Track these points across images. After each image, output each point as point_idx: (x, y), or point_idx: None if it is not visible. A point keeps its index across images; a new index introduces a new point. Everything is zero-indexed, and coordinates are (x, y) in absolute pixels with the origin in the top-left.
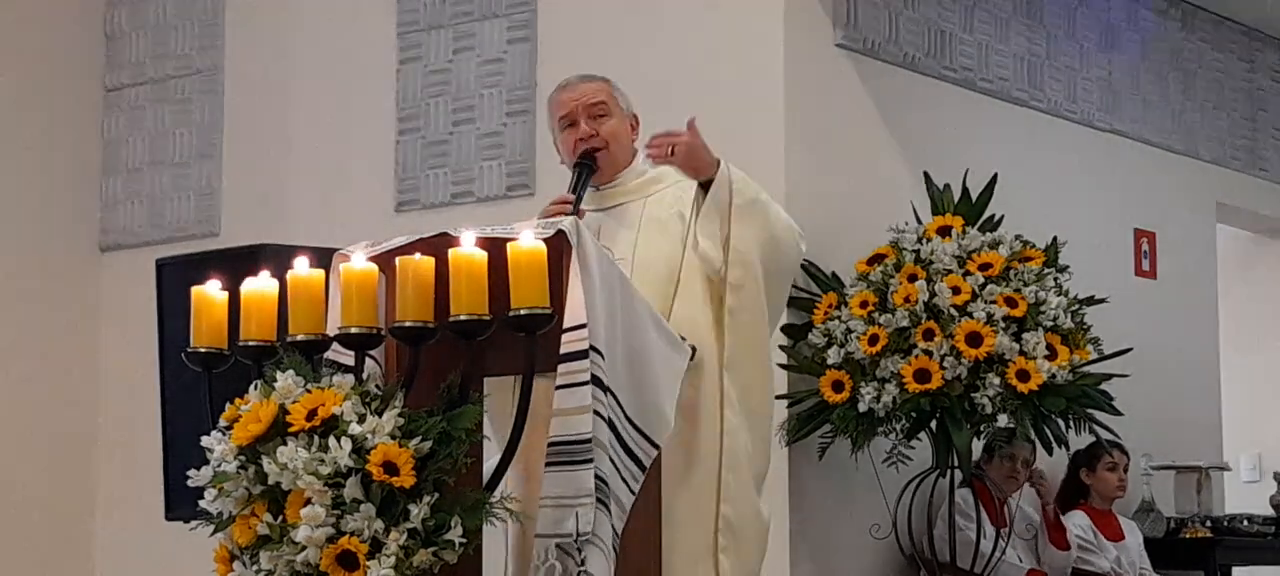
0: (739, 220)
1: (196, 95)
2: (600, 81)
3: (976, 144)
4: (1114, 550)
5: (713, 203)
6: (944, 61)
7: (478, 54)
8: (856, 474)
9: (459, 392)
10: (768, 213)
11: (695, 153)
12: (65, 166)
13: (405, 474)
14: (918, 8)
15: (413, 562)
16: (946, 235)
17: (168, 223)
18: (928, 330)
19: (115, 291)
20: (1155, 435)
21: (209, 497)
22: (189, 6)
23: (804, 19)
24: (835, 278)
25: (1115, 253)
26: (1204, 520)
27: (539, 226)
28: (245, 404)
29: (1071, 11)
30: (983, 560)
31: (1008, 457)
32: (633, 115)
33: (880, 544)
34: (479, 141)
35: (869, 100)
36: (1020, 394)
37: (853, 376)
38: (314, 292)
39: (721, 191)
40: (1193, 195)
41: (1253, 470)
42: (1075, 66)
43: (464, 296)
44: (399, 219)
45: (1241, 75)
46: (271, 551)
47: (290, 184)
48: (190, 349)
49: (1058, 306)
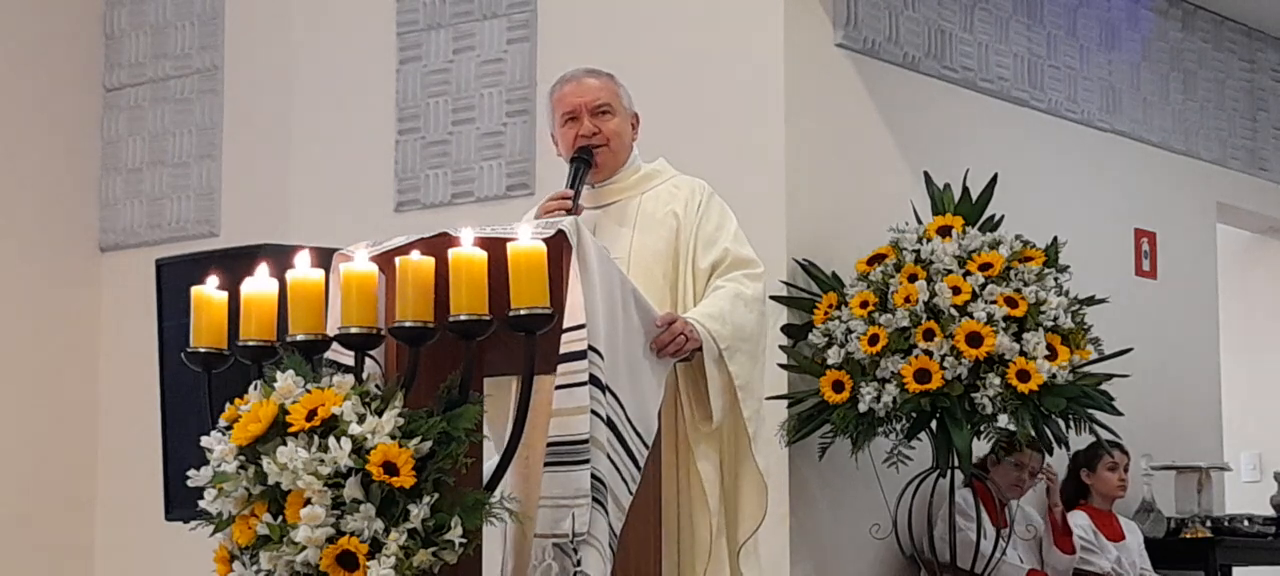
0: (731, 359)
1: (196, 95)
2: (605, 78)
3: (976, 144)
4: (1114, 550)
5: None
6: (944, 61)
7: (478, 54)
8: (856, 474)
9: (459, 392)
10: (741, 321)
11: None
12: (65, 166)
13: (405, 474)
14: (918, 8)
15: (413, 563)
16: (947, 235)
17: (168, 223)
18: (928, 330)
19: (115, 291)
20: (1155, 435)
21: (209, 498)
22: (189, 6)
23: (804, 19)
24: (835, 277)
25: (1115, 253)
26: (1204, 520)
27: (539, 226)
28: (245, 404)
29: (1071, 11)
30: (983, 560)
31: (1015, 465)
32: (634, 113)
33: (880, 544)
34: (479, 141)
35: (869, 100)
36: (1020, 394)
37: (853, 376)
38: (314, 293)
39: (710, 350)
40: (1193, 195)
41: (1253, 470)
42: (1075, 66)
43: (464, 296)
44: (399, 219)
45: (1241, 75)
46: (271, 551)
47: (290, 184)
48: (190, 349)
49: (1058, 306)
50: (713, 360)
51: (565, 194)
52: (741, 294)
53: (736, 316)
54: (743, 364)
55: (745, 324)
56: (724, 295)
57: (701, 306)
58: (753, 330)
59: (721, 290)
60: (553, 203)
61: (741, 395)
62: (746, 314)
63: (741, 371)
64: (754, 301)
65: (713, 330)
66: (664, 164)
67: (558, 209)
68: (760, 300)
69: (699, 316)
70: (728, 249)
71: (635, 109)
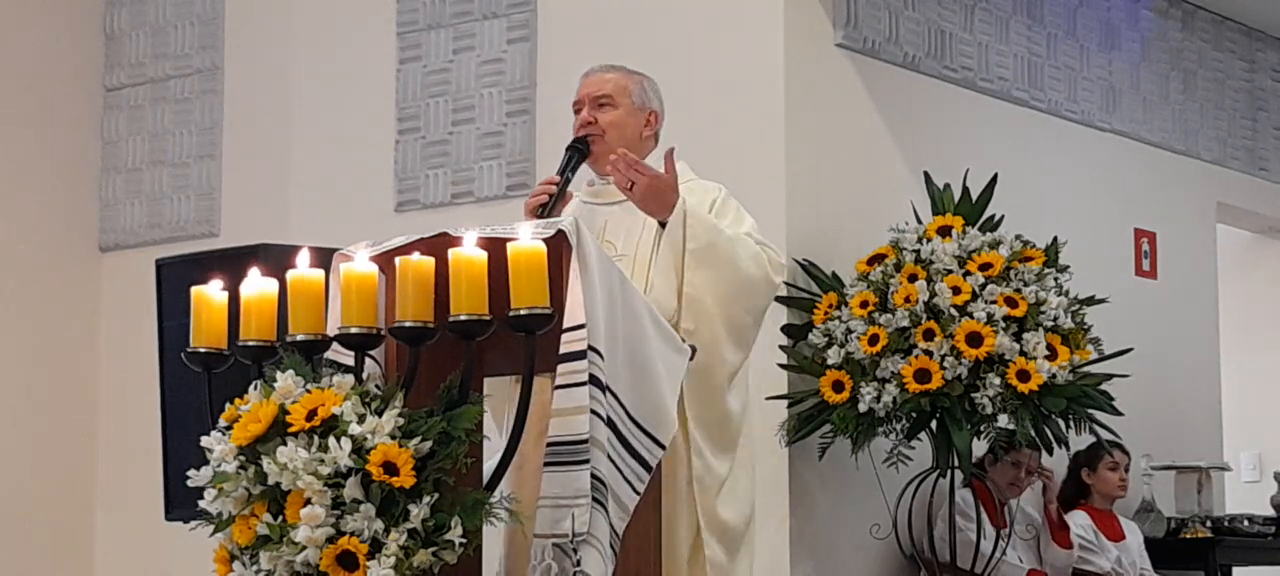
0: (695, 264)
1: (196, 95)
2: (618, 73)
3: (976, 144)
4: (1115, 550)
5: (668, 244)
6: (944, 61)
7: (478, 54)
8: (856, 474)
9: (459, 392)
10: (733, 252)
11: (657, 192)
12: (65, 166)
13: (405, 474)
14: (918, 8)
15: (413, 562)
16: (947, 235)
17: (167, 223)
18: (928, 330)
19: (115, 291)
20: (1155, 435)
21: (209, 497)
22: (189, 6)
23: (804, 19)
24: (835, 277)
25: (1115, 253)
26: (1204, 520)
27: (539, 226)
28: (245, 404)
29: (1071, 11)
30: (983, 560)
31: (1012, 463)
32: (649, 111)
33: (880, 544)
34: (479, 141)
35: (869, 100)
36: (1020, 394)
37: (853, 376)
38: (314, 293)
39: (676, 231)
40: (1193, 195)
41: (1253, 470)
42: (1075, 66)
43: (464, 296)
44: (399, 219)
45: (1241, 75)
46: (271, 551)
47: (290, 184)
48: (190, 349)
49: (1058, 306)
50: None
51: (552, 179)
52: (744, 238)
53: (723, 241)
54: (705, 276)
55: (725, 247)
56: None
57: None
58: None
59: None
60: (542, 187)
61: (686, 304)
62: (741, 254)
63: (696, 281)
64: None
65: (691, 224)
66: (684, 167)
67: (544, 192)
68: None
69: (691, 207)
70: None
71: (656, 107)
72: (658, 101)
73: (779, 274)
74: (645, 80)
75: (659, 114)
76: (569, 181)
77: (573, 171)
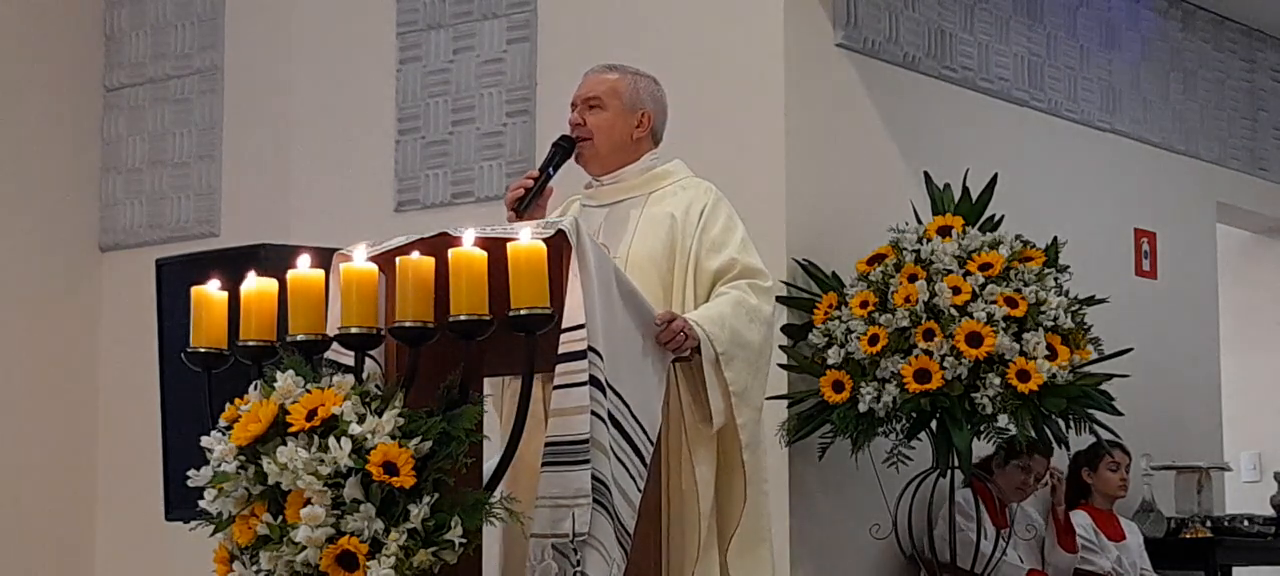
0: (727, 364)
1: (196, 95)
2: (616, 75)
3: (976, 144)
4: (1115, 550)
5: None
6: (944, 61)
7: (478, 54)
8: (856, 474)
9: (459, 392)
10: (740, 330)
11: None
12: (65, 166)
13: (405, 474)
14: (918, 8)
15: (413, 562)
16: (947, 235)
17: (168, 222)
18: (928, 330)
19: (115, 291)
20: (1155, 435)
21: (209, 498)
22: (189, 6)
23: (804, 19)
24: (835, 277)
25: (1115, 253)
26: (1204, 520)
27: (539, 226)
28: (245, 404)
29: (1071, 11)
30: (983, 560)
31: (1021, 469)
32: (640, 113)
33: (880, 544)
34: (479, 141)
35: (869, 100)
36: (1020, 394)
37: (853, 376)
38: (314, 293)
39: (708, 350)
40: (1193, 195)
41: (1253, 470)
42: (1075, 66)
43: (464, 296)
44: (399, 219)
45: (1241, 75)
46: (271, 551)
47: (290, 184)
48: (190, 349)
49: (1058, 306)
50: (710, 364)
51: (532, 173)
52: (744, 302)
53: (736, 323)
54: (739, 370)
55: (743, 331)
56: (726, 301)
57: (703, 309)
58: (751, 338)
59: (725, 296)
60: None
61: (736, 402)
62: (747, 322)
63: (737, 378)
64: (756, 311)
65: (711, 333)
66: (679, 165)
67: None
68: (764, 311)
69: (698, 318)
70: (736, 258)
71: (650, 108)
72: (653, 102)
73: (768, 296)
74: (643, 81)
75: (653, 115)
76: (551, 177)
77: (555, 168)
